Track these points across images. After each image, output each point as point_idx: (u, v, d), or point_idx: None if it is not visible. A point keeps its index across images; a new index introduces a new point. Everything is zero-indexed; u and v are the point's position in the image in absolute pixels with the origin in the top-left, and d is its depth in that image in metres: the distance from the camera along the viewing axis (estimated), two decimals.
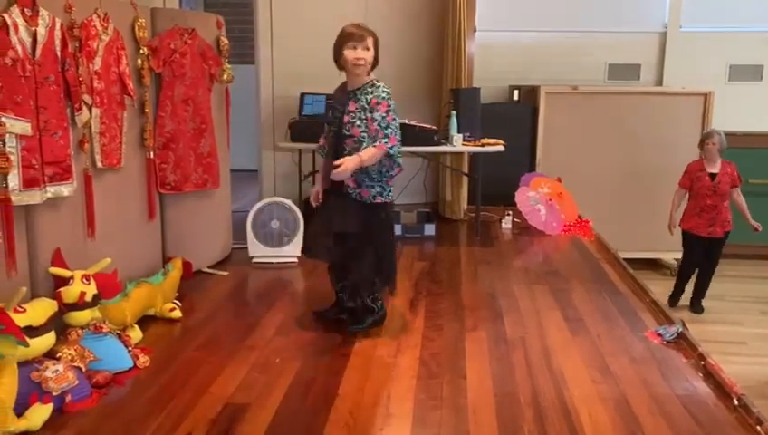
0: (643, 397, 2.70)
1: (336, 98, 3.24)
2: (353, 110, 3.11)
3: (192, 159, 4.01)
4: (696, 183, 5.37)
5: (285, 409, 2.59)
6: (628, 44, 6.78)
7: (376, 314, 3.36)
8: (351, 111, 3.11)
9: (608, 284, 4.17)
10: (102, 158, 3.30)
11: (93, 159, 3.26)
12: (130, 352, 2.92)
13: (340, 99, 3.19)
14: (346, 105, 3.14)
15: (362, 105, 3.09)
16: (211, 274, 4.26)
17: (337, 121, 3.17)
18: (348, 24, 3.16)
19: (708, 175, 5.34)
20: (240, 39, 6.96)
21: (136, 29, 3.55)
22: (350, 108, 3.12)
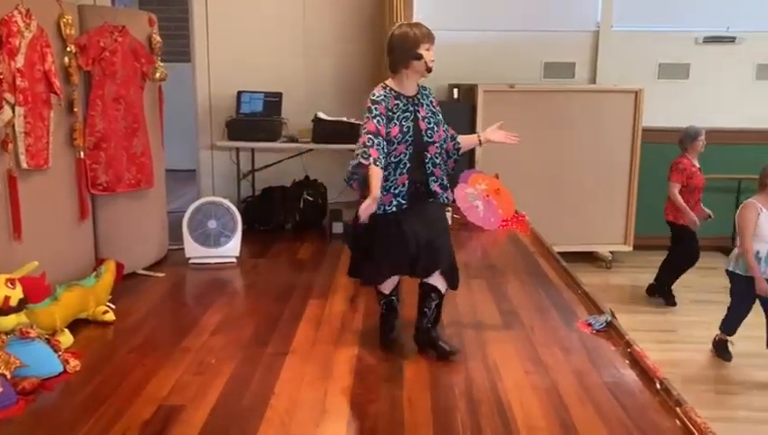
0: (573, 385, 2.78)
1: (392, 106, 2.94)
2: (427, 115, 2.99)
3: (125, 158, 3.93)
4: (693, 179, 5.49)
5: (220, 409, 2.57)
6: (563, 43, 6.94)
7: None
8: (426, 116, 2.99)
9: (542, 277, 4.27)
10: (28, 158, 3.21)
11: (18, 160, 3.16)
12: (60, 357, 2.85)
13: (402, 105, 2.96)
14: (416, 112, 2.97)
15: (431, 109, 3.03)
16: (147, 275, 4.18)
17: (411, 130, 2.94)
18: (405, 24, 3.06)
19: (699, 170, 5.53)
20: (176, 37, 6.85)
21: (62, 26, 3.46)
22: (423, 113, 2.98)
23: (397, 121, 2.93)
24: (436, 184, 3.03)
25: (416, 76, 2.99)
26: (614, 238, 6.59)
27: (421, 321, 3.05)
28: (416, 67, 2.95)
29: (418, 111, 2.98)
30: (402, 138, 2.93)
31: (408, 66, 2.95)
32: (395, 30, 2.99)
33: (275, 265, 4.56)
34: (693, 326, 5.09)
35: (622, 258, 6.67)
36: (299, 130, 5.43)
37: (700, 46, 6.91)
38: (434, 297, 3.02)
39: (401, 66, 2.95)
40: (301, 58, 5.74)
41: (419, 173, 3.00)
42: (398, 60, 2.95)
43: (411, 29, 2.96)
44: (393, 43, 2.96)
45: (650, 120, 6.47)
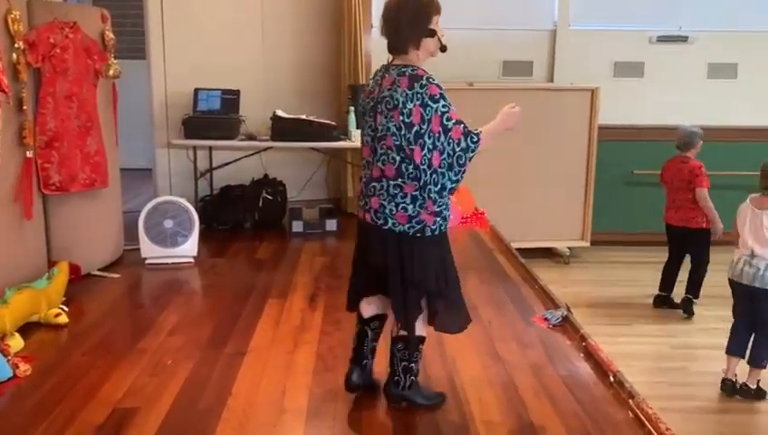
0: (529, 379, 2.82)
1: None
2: None
3: (78, 158, 3.85)
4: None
5: (176, 410, 2.54)
6: (522, 42, 7.01)
7: None
8: None
9: (500, 273, 4.32)
10: None
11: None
12: (9, 362, 2.78)
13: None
14: None
15: None
16: (101, 276, 4.10)
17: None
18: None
19: None
20: (132, 33, 6.73)
21: (9, 22, 3.36)
22: None
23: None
24: None
25: (425, 58, 2.45)
26: (572, 235, 6.69)
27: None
28: (428, 46, 2.43)
29: None
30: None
31: (420, 46, 2.41)
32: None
33: (234, 265, 4.52)
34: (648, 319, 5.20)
35: (580, 254, 6.77)
36: (257, 127, 5.39)
37: (654, 45, 7.05)
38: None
39: (412, 45, 2.39)
40: (259, 55, 5.68)
41: None
42: (409, 37, 2.38)
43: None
44: (401, 16, 2.37)
45: (606, 117, 6.58)
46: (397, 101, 2.32)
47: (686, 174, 5.20)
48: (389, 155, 2.36)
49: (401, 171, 2.36)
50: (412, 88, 2.31)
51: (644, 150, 6.88)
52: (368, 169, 2.47)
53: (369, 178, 2.45)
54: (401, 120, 2.31)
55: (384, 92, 2.36)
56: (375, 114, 2.39)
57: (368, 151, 2.46)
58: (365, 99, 2.49)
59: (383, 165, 2.39)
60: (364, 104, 2.50)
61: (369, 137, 2.45)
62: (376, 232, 2.44)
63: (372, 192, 2.43)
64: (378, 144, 2.39)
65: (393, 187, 2.38)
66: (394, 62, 2.41)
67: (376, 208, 2.42)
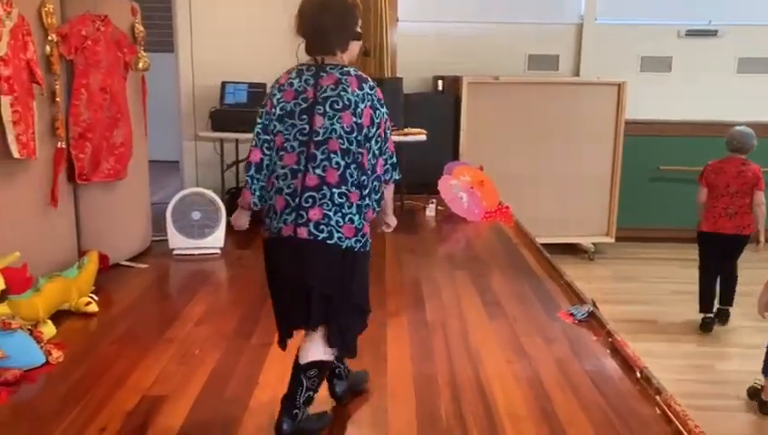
0: (554, 374, 2.82)
1: None
2: None
3: (104, 148, 3.90)
4: None
5: (204, 399, 2.58)
6: (548, 36, 6.97)
7: None
8: None
9: (525, 268, 4.31)
10: (19, 147, 3.18)
11: (9, 150, 3.13)
12: (42, 348, 2.84)
13: None
14: None
15: None
16: (130, 267, 4.16)
17: None
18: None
19: None
20: (160, 27, 6.79)
21: (43, 15, 3.42)
22: None
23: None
24: None
25: (348, 61, 2.32)
26: (597, 230, 6.64)
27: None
28: (353, 49, 2.33)
29: None
30: None
31: (346, 49, 2.29)
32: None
33: (260, 257, 4.49)
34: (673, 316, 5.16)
35: (604, 250, 6.73)
36: None
37: (682, 40, 6.97)
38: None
39: (338, 48, 2.25)
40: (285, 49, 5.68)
41: None
42: (337, 40, 2.24)
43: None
44: (327, 17, 2.22)
45: (632, 112, 6.51)
46: (348, 101, 2.17)
47: (749, 178, 4.69)
48: (333, 160, 2.16)
49: (345, 178, 2.17)
50: (362, 89, 2.20)
51: (670, 146, 6.82)
52: (293, 178, 2.17)
53: (302, 188, 2.16)
54: (353, 122, 2.17)
55: (327, 92, 2.17)
56: (311, 116, 2.17)
57: (293, 159, 2.17)
58: (288, 100, 2.20)
59: (323, 171, 2.16)
60: (286, 106, 2.20)
61: (296, 142, 2.17)
62: (315, 249, 2.16)
63: (311, 203, 2.15)
64: (316, 149, 2.16)
65: (338, 195, 2.17)
66: (326, 62, 2.23)
67: (318, 220, 2.15)
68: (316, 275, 2.18)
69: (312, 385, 2.30)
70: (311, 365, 2.27)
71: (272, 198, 2.21)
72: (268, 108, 2.23)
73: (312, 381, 2.30)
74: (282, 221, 2.18)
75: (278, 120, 2.20)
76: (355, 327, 2.35)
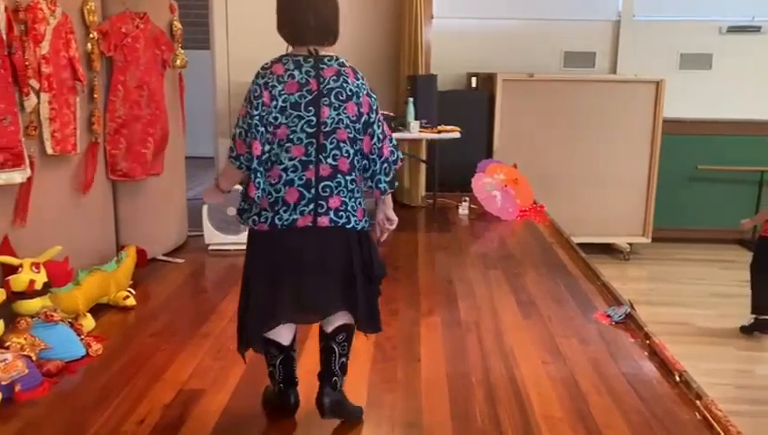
0: (590, 376, 2.78)
1: None
2: None
3: (152, 145, 3.95)
4: None
5: (240, 394, 2.60)
6: (584, 32, 6.88)
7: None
8: None
9: (560, 267, 4.26)
10: (53, 144, 3.24)
11: (44, 146, 3.20)
12: (83, 341, 2.89)
13: None
14: None
15: None
16: (166, 261, 4.22)
17: None
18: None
19: None
20: (196, 24, 6.87)
21: (85, 13, 3.48)
22: None
23: None
24: None
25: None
26: (632, 230, 6.55)
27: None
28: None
29: None
30: None
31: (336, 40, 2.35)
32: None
33: None
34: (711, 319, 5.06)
35: (640, 250, 6.63)
36: None
37: (724, 36, 6.82)
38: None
39: (334, 39, 2.32)
40: None
41: None
42: (336, 30, 2.32)
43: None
44: (330, 7, 2.31)
45: (671, 110, 6.40)
46: (351, 91, 2.24)
47: None
48: (343, 149, 2.23)
49: (354, 165, 2.26)
50: (358, 79, 2.28)
51: (710, 145, 6.70)
52: (304, 169, 2.20)
53: (317, 179, 2.21)
54: (357, 111, 2.25)
55: (330, 84, 2.22)
56: (318, 108, 2.20)
57: (301, 150, 2.20)
58: (292, 92, 2.19)
59: (335, 160, 2.22)
60: (289, 98, 2.18)
61: (303, 133, 2.19)
62: (336, 234, 2.25)
63: (328, 192, 2.22)
64: (326, 139, 2.21)
65: (350, 182, 2.25)
66: (321, 53, 2.25)
67: (336, 208, 2.23)
68: (340, 259, 2.27)
69: (344, 350, 2.37)
70: (338, 330, 2.35)
71: (279, 191, 2.21)
72: (266, 100, 2.17)
73: (343, 347, 2.37)
74: (297, 212, 2.21)
75: (280, 112, 2.18)
76: (377, 299, 2.41)
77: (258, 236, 2.29)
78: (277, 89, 2.19)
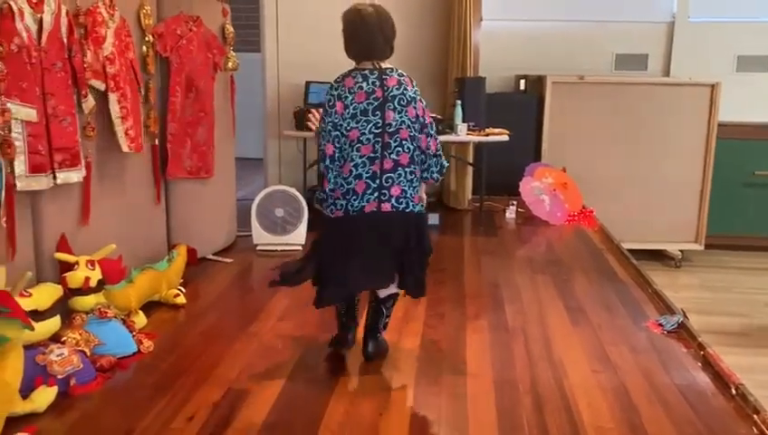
0: (642, 386, 2.71)
1: None
2: None
3: (188, 146, 4.02)
4: None
5: (287, 394, 2.62)
6: (636, 34, 6.74)
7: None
8: None
9: (610, 274, 4.18)
10: (128, 142, 3.34)
11: (110, 146, 3.30)
12: (134, 337, 2.96)
13: None
14: None
15: None
16: (215, 261, 4.29)
17: None
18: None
19: None
20: (246, 27, 6.96)
21: (141, 16, 3.56)
22: None
23: None
24: None
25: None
26: (685, 237, 6.38)
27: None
28: None
29: None
30: None
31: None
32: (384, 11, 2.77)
33: None
34: None
35: (692, 257, 6.46)
36: None
37: None
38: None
39: (390, 53, 2.79)
40: None
41: None
42: (391, 46, 2.79)
43: None
44: (386, 26, 2.74)
45: (727, 114, 6.22)
46: (410, 98, 2.71)
47: None
48: (404, 145, 2.69)
49: (413, 158, 2.72)
50: (413, 87, 2.77)
51: (767, 150, 6.48)
52: (371, 164, 2.67)
53: (381, 171, 2.67)
54: (415, 114, 2.71)
55: (393, 91, 2.68)
56: (384, 111, 2.66)
57: (369, 149, 2.66)
58: (361, 101, 2.65)
59: (397, 156, 2.68)
60: (359, 106, 2.65)
61: (371, 134, 2.66)
62: (398, 217, 2.71)
63: (390, 182, 2.68)
64: (390, 138, 2.66)
65: (409, 173, 2.71)
66: (382, 66, 2.72)
67: (398, 195, 2.69)
68: (399, 238, 2.73)
69: (389, 312, 2.94)
70: (390, 296, 2.90)
71: (350, 183, 2.67)
72: (339, 109, 2.67)
73: (389, 310, 2.93)
74: (364, 200, 2.68)
75: (351, 118, 2.67)
76: (426, 270, 2.88)
77: (334, 221, 2.76)
78: (349, 99, 2.67)
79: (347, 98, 2.66)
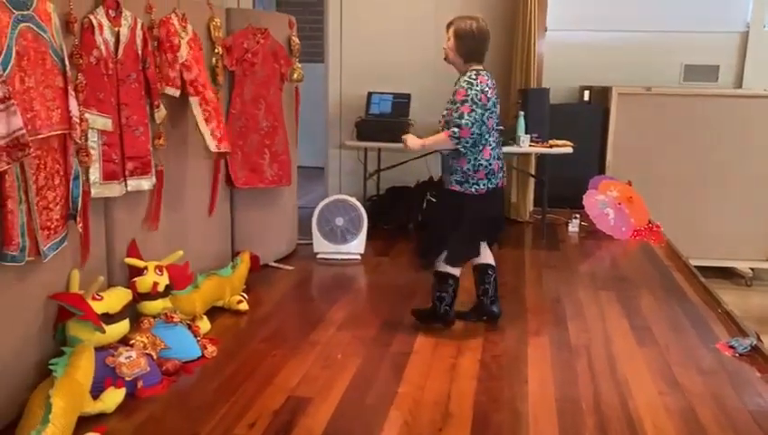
0: (712, 410, 2.62)
1: None
2: (449, 99, 3.24)
3: (268, 156, 4.10)
4: None
5: (346, 404, 2.63)
6: (706, 44, 6.52)
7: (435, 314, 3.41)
8: (449, 100, 3.24)
9: (678, 292, 4.05)
10: (216, 142, 3.46)
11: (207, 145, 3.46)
12: (199, 342, 3.02)
13: None
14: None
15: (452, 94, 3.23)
16: (277, 268, 4.35)
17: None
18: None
19: None
20: (310, 38, 7.07)
21: (211, 29, 3.66)
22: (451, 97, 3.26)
23: None
24: (445, 173, 3.35)
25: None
26: (756, 254, 6.13)
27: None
28: None
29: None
30: None
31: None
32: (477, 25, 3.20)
33: (398, 265, 4.60)
34: None
35: (764, 276, 6.20)
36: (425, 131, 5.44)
37: None
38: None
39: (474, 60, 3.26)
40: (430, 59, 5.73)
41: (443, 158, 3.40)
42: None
43: None
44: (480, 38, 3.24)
45: None
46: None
47: None
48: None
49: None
50: None
51: None
52: (499, 148, 3.30)
53: (500, 155, 3.31)
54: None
55: (495, 87, 3.26)
56: (498, 105, 3.27)
57: (496, 136, 3.28)
58: (492, 96, 3.20)
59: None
60: (492, 98, 3.19)
61: (495, 124, 3.25)
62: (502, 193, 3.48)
63: (503, 164, 3.34)
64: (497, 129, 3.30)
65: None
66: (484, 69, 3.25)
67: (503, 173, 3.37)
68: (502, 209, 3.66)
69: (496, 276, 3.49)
70: (492, 264, 3.46)
71: (490, 164, 3.23)
72: (484, 101, 3.13)
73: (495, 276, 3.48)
74: (498, 178, 3.29)
75: (489, 110, 3.16)
76: None
77: (476, 198, 3.25)
78: (488, 93, 3.16)
79: (486, 92, 3.14)
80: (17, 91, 2.21)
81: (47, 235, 2.44)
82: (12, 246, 2.26)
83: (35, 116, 2.32)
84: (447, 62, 3.28)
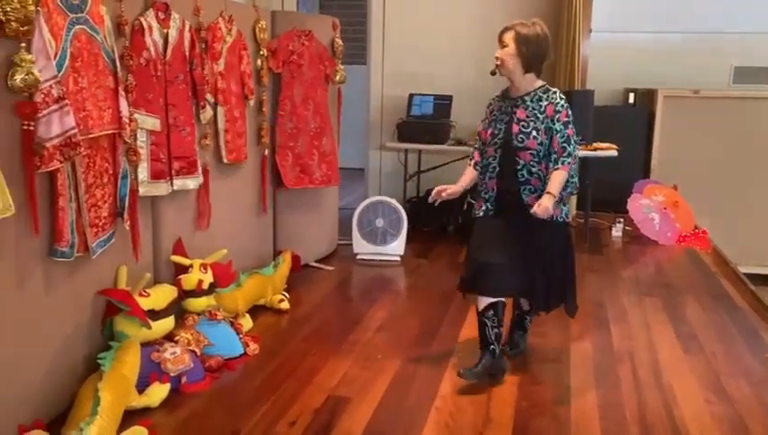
0: (762, 421, 2.55)
1: (495, 108, 2.90)
2: (524, 118, 2.76)
3: (316, 157, 4.14)
4: None
5: (386, 405, 2.63)
6: (757, 46, 6.35)
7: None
8: (522, 119, 2.76)
9: (725, 299, 3.95)
10: (227, 153, 3.47)
11: (219, 155, 3.44)
12: (241, 340, 3.06)
13: (503, 108, 2.85)
14: (513, 114, 2.79)
15: (535, 113, 2.74)
16: (318, 268, 4.38)
17: (502, 133, 2.81)
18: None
19: None
20: (352, 40, 7.09)
21: (257, 31, 3.70)
22: (520, 116, 2.77)
23: (493, 124, 2.87)
24: (532, 195, 2.77)
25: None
26: None
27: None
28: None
29: (517, 112, 2.78)
30: (491, 140, 2.86)
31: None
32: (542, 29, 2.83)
33: (438, 267, 4.59)
34: None
35: None
36: (467, 133, 5.42)
37: None
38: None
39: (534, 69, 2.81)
40: (472, 62, 5.72)
41: (510, 181, 2.81)
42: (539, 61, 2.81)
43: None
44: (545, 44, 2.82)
45: None
46: None
47: None
48: None
49: None
50: None
51: None
52: None
53: None
54: None
55: None
56: None
57: None
58: None
59: None
60: None
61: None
62: None
63: None
64: None
65: None
66: None
67: None
68: None
69: None
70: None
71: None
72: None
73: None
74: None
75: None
76: None
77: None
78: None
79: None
80: (71, 91, 2.27)
81: (95, 232, 2.50)
82: (62, 242, 2.33)
83: (87, 116, 2.38)
84: (500, 74, 2.81)
